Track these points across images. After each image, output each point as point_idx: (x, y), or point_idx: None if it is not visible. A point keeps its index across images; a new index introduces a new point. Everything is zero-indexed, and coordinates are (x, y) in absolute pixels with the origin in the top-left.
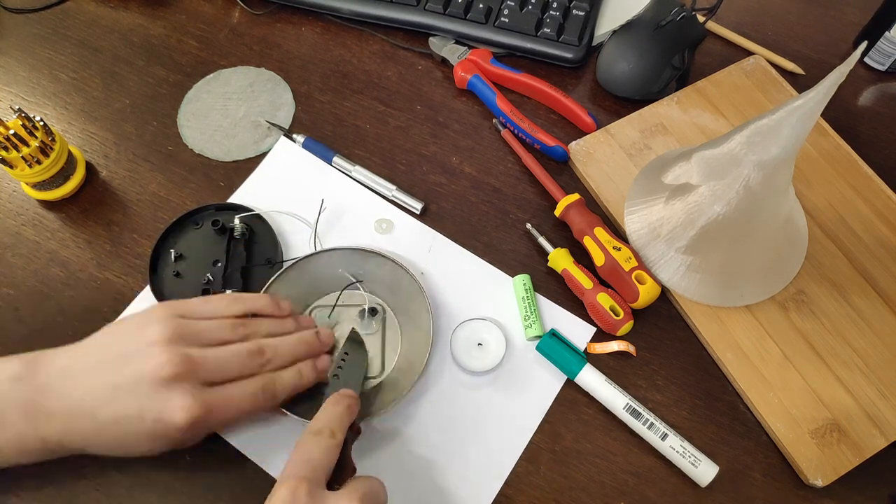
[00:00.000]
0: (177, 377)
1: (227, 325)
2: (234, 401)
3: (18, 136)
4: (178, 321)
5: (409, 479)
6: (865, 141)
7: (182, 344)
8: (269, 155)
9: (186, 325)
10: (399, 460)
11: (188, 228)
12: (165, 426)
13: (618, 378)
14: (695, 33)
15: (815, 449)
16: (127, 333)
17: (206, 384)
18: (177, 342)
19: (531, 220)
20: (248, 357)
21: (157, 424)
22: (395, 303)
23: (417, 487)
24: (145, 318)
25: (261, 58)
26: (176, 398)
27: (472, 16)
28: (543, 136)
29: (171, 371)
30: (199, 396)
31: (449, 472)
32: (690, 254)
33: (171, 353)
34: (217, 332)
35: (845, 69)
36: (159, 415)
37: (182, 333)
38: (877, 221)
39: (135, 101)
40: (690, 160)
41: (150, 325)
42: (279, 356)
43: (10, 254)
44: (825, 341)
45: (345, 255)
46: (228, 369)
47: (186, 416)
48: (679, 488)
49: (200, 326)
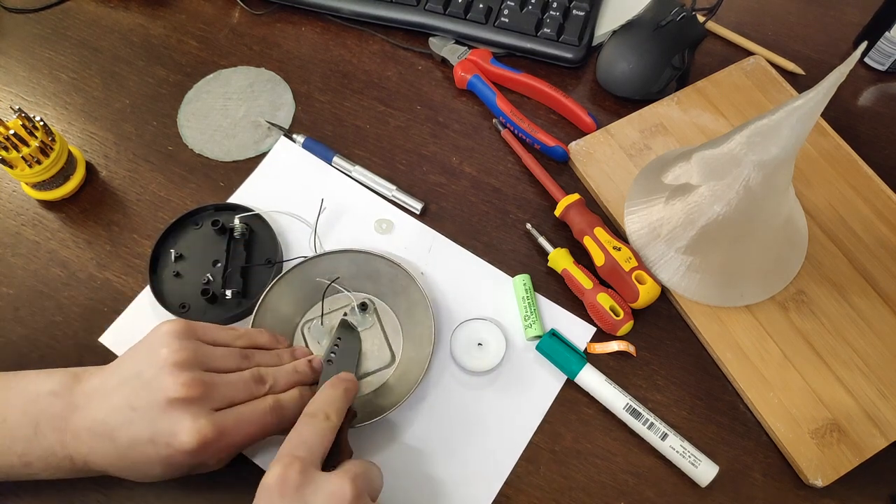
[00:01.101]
0: (188, 400)
1: (236, 354)
2: (244, 421)
3: (18, 136)
4: (194, 345)
5: (409, 478)
6: (865, 141)
7: (195, 367)
8: (269, 155)
9: (201, 350)
10: (399, 460)
11: (188, 229)
12: (175, 450)
13: (618, 378)
14: (695, 33)
15: (815, 449)
16: (145, 353)
17: (215, 409)
18: (190, 365)
19: (531, 220)
20: (253, 383)
21: (168, 448)
22: (397, 304)
23: (417, 487)
24: (163, 338)
25: (261, 58)
26: (186, 421)
27: (472, 16)
28: (543, 136)
29: (183, 393)
30: (210, 419)
31: (449, 472)
32: (690, 254)
33: (185, 376)
34: (228, 360)
35: (845, 69)
36: (169, 438)
37: (196, 358)
38: (877, 221)
39: (135, 101)
40: (690, 160)
41: (167, 345)
42: (278, 384)
43: (10, 254)
44: (825, 341)
45: (343, 257)
46: (236, 395)
47: (197, 439)
48: (679, 488)
49: (212, 353)
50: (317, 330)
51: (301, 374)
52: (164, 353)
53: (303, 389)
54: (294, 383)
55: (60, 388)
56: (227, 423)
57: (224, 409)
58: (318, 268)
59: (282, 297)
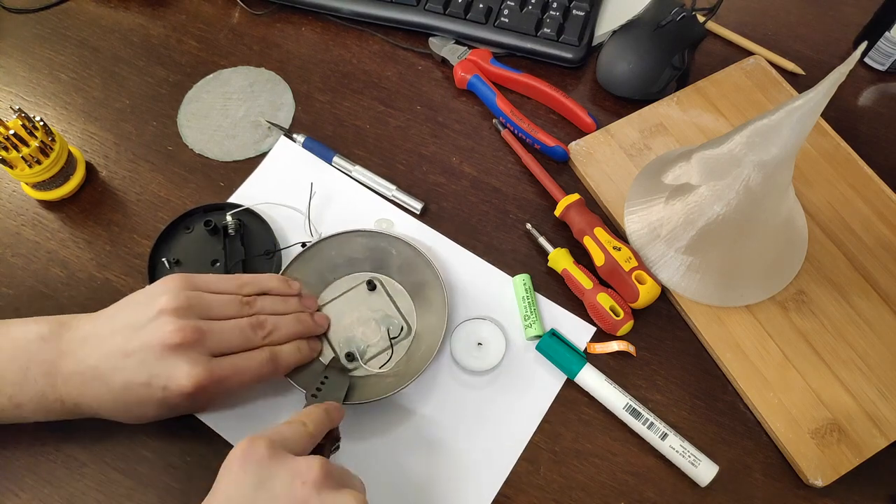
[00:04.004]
0: (184, 345)
1: (235, 301)
2: (240, 369)
3: (18, 136)
4: (189, 293)
5: (409, 478)
6: (865, 141)
7: (191, 315)
8: (269, 155)
9: (196, 298)
10: (398, 460)
11: (180, 234)
12: (172, 392)
13: (618, 378)
14: (695, 33)
15: (815, 449)
16: (140, 303)
17: (212, 354)
18: (186, 313)
19: (531, 220)
20: (250, 329)
21: (164, 391)
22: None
23: (417, 487)
24: (158, 288)
25: (261, 58)
26: (182, 365)
27: (472, 16)
28: (543, 136)
29: (178, 339)
30: (206, 364)
31: (449, 472)
32: (690, 254)
33: (180, 322)
34: (225, 307)
35: (845, 69)
36: (167, 381)
37: (191, 305)
38: (877, 221)
39: (135, 101)
40: (690, 160)
41: (162, 294)
42: (278, 331)
43: (10, 254)
44: (825, 341)
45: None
46: (232, 341)
47: (193, 382)
48: (679, 488)
49: (210, 300)
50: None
51: (304, 325)
52: (162, 301)
53: (300, 343)
54: (295, 333)
55: (49, 334)
56: (223, 370)
57: (221, 355)
58: (322, 252)
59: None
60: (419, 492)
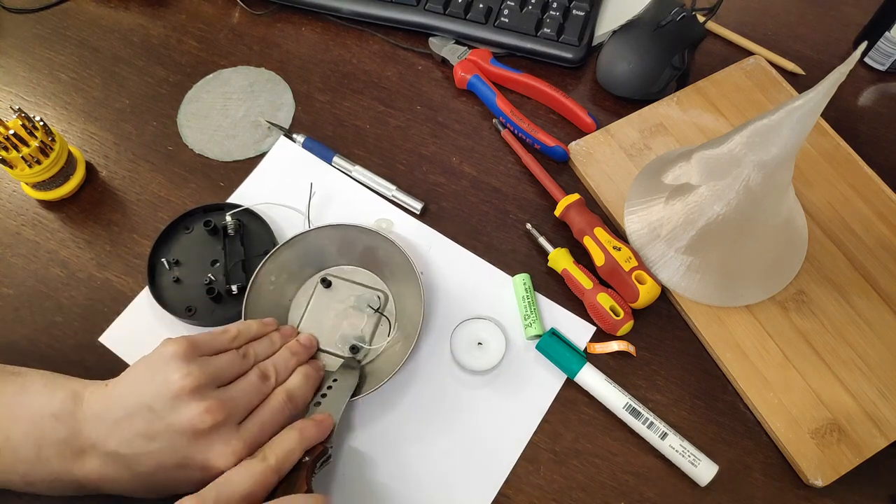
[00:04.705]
0: (215, 427)
1: (237, 358)
2: (266, 424)
3: (18, 136)
4: (199, 367)
5: (408, 479)
6: (865, 141)
7: (209, 389)
8: (269, 155)
9: (207, 368)
10: (398, 461)
11: (180, 235)
12: (213, 472)
13: (618, 378)
14: (695, 33)
15: (815, 449)
16: (151, 380)
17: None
18: (204, 391)
19: (531, 220)
20: (260, 383)
21: (204, 472)
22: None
23: (416, 488)
24: (166, 363)
25: (261, 58)
26: (218, 445)
27: (472, 16)
28: (543, 136)
29: (209, 423)
30: (238, 436)
31: (449, 472)
32: (690, 254)
33: (205, 404)
34: (231, 368)
35: (845, 69)
36: (204, 462)
37: (208, 377)
38: (877, 221)
39: (135, 101)
40: (690, 160)
41: (174, 372)
42: (279, 372)
43: (10, 254)
44: (825, 341)
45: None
46: (252, 402)
47: (234, 460)
48: (679, 488)
49: (217, 365)
50: None
51: (296, 355)
52: (176, 381)
53: (304, 369)
54: (293, 366)
55: (61, 411)
56: (254, 435)
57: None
58: (304, 245)
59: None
60: (419, 491)
